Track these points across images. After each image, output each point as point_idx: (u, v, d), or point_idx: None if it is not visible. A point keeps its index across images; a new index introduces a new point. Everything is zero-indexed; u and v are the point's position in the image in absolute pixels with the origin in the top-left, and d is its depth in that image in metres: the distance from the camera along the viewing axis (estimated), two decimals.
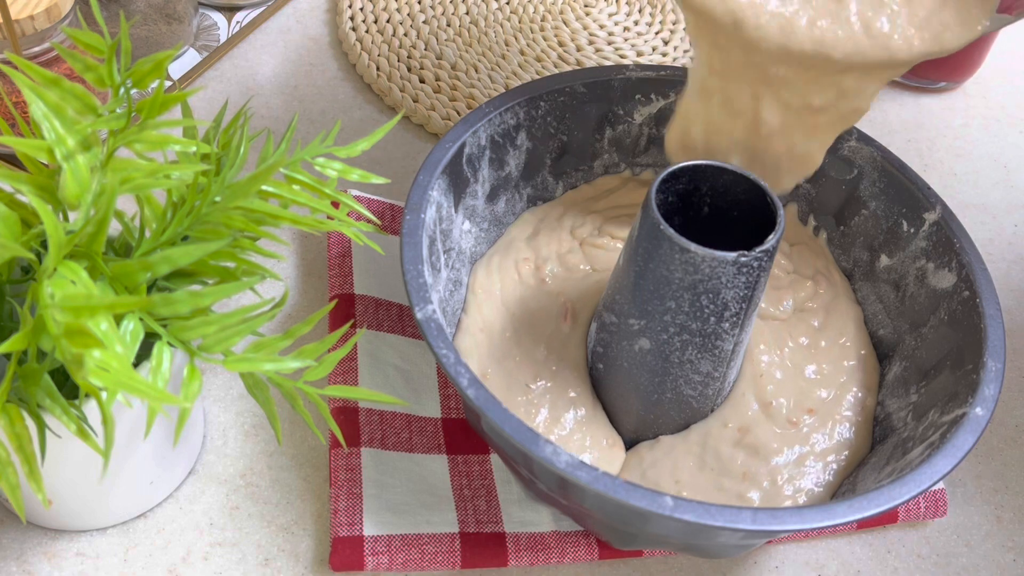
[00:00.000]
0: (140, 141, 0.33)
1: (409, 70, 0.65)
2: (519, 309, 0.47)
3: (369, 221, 0.53)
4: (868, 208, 0.49)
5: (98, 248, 0.32)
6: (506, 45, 0.67)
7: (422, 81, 0.64)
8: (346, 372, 0.47)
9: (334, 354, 0.36)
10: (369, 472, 0.44)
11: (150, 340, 0.33)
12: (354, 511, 0.43)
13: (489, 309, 0.47)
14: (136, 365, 0.36)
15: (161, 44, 0.61)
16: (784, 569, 0.45)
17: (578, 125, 0.51)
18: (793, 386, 0.45)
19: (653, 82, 0.50)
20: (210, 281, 0.37)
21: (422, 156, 0.61)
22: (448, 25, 0.68)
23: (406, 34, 0.67)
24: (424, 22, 0.68)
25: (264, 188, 0.37)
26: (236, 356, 0.33)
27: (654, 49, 0.70)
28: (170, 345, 0.33)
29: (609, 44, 0.69)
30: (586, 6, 0.72)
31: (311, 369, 0.35)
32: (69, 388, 0.37)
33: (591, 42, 0.69)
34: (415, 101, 0.63)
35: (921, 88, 0.71)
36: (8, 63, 0.50)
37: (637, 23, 0.71)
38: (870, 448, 0.45)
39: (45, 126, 0.31)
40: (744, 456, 0.43)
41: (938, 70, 0.70)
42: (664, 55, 0.69)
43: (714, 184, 0.42)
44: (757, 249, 0.38)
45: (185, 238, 0.36)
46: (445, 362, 0.37)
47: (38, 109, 0.31)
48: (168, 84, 0.61)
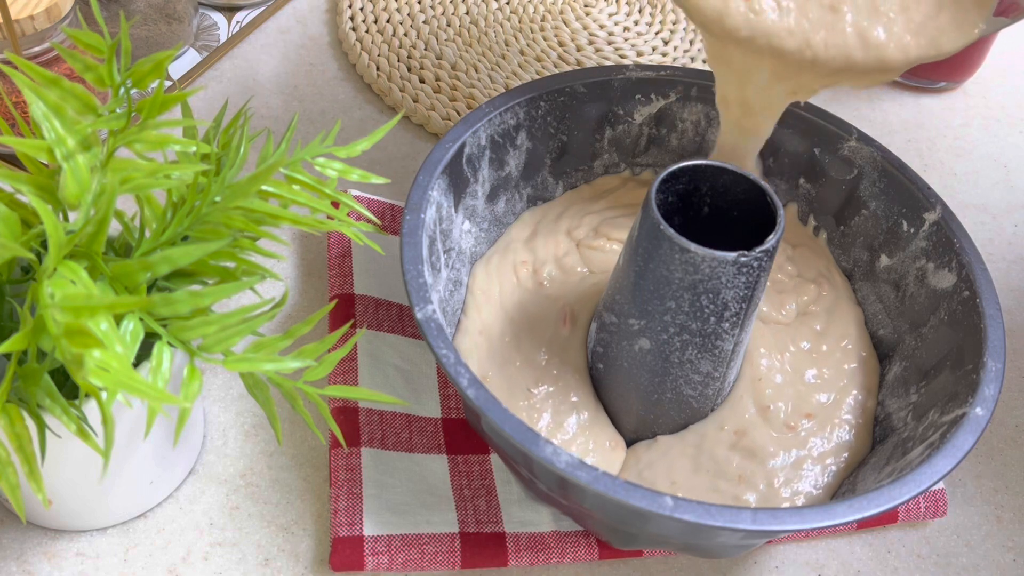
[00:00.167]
0: (140, 141, 0.33)
1: (409, 70, 0.65)
2: (518, 314, 0.47)
3: (369, 221, 0.53)
4: (868, 208, 0.49)
5: (98, 248, 0.32)
6: (506, 45, 0.67)
7: (422, 81, 0.64)
8: (346, 372, 0.47)
9: (334, 354, 0.36)
10: (369, 472, 0.44)
11: (150, 340, 0.33)
12: (354, 511, 0.43)
13: (488, 312, 0.47)
14: (136, 365, 0.36)
15: (161, 44, 0.61)
16: (784, 569, 0.45)
17: (578, 125, 0.51)
18: (792, 390, 0.45)
19: (653, 82, 0.50)
20: (210, 281, 0.37)
21: (422, 156, 0.61)
22: (448, 25, 0.68)
23: (406, 34, 0.67)
24: (424, 22, 0.68)
25: (264, 188, 0.37)
26: (236, 356, 0.33)
27: (654, 49, 0.70)
28: (170, 345, 0.33)
29: (609, 44, 0.69)
30: (586, 6, 0.72)
31: (311, 369, 0.35)
32: (69, 388, 0.37)
33: (591, 42, 0.69)
34: (415, 101, 0.63)
35: (921, 88, 0.71)
36: (8, 63, 0.50)
37: (637, 23, 0.71)
38: (870, 449, 0.45)
39: (45, 126, 0.31)
40: (740, 459, 0.43)
41: (938, 70, 0.70)
42: (664, 55, 0.69)
43: (714, 184, 0.42)
44: (757, 249, 0.38)
45: (185, 238, 0.36)
46: (445, 362, 0.37)
47: (38, 109, 0.31)
48: (168, 84, 0.61)
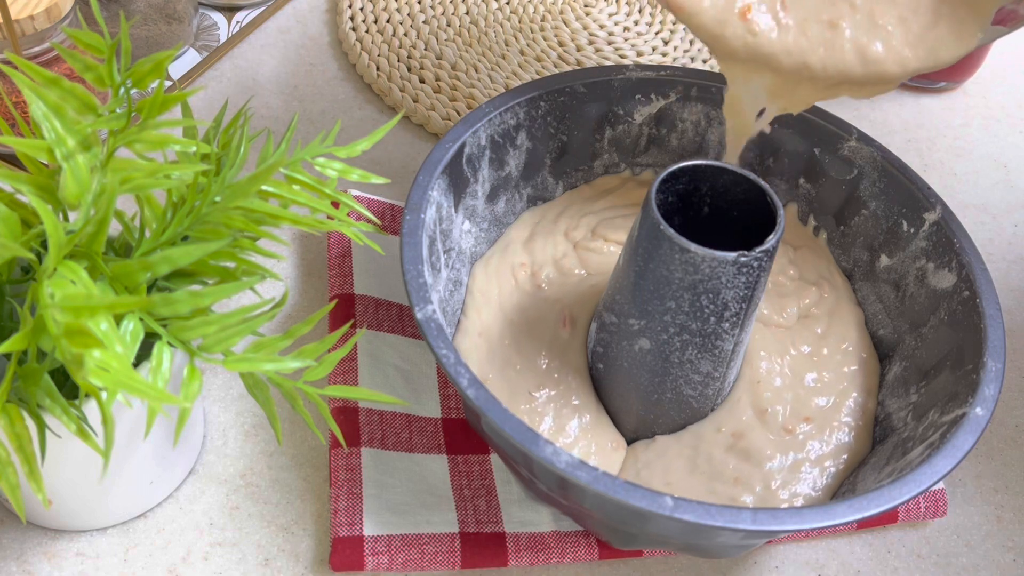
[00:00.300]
0: (140, 141, 0.33)
1: (409, 70, 0.65)
2: (518, 316, 0.47)
3: (369, 221, 0.53)
4: (868, 208, 0.49)
5: (98, 248, 0.32)
6: (506, 45, 0.67)
7: (422, 81, 0.64)
8: (346, 372, 0.47)
9: (334, 354, 0.36)
10: (369, 472, 0.44)
11: (150, 340, 0.33)
12: (354, 511, 0.43)
13: (487, 314, 0.47)
14: (136, 365, 0.36)
15: (161, 44, 0.61)
16: (784, 569, 0.45)
17: (578, 125, 0.51)
18: (791, 394, 0.45)
19: (653, 82, 0.50)
20: (210, 281, 0.37)
21: (422, 156, 0.61)
22: (448, 25, 0.68)
23: (406, 34, 0.67)
24: (424, 22, 0.68)
25: (264, 188, 0.37)
26: (236, 356, 0.33)
27: (654, 49, 0.70)
28: (170, 345, 0.33)
29: (609, 44, 0.69)
30: (586, 6, 0.72)
31: (311, 369, 0.35)
32: (69, 388, 0.37)
33: (591, 42, 0.69)
34: (415, 101, 0.63)
35: (921, 88, 0.71)
36: (8, 63, 0.50)
37: (637, 23, 0.71)
38: (870, 449, 0.45)
39: (45, 126, 0.31)
40: (736, 461, 0.43)
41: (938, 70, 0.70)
42: (664, 55, 0.69)
43: (714, 184, 0.42)
44: (757, 249, 0.38)
45: (185, 238, 0.36)
46: (445, 362, 0.37)
47: (38, 109, 0.31)
48: (168, 84, 0.61)
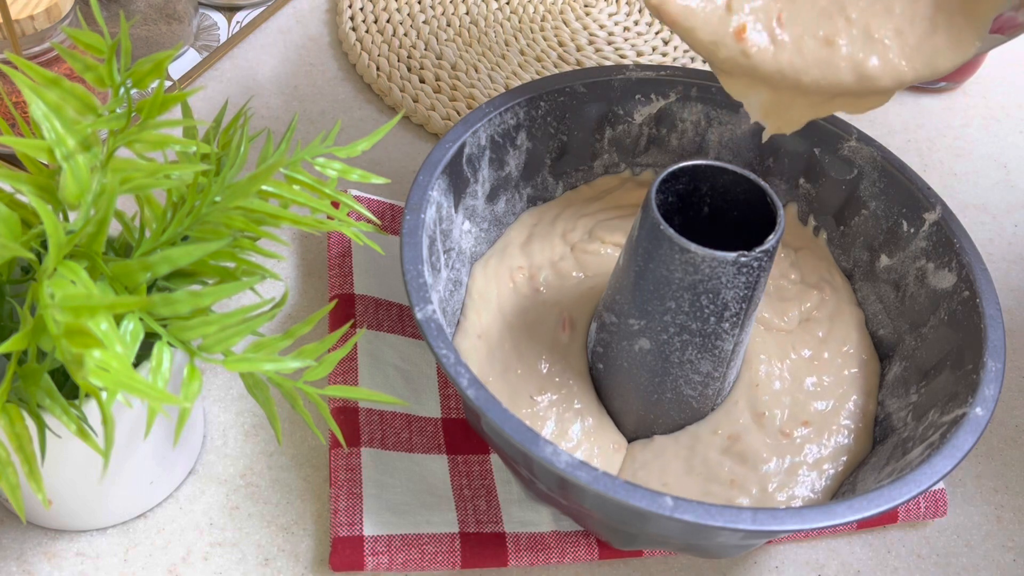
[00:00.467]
0: (140, 141, 0.33)
1: (409, 70, 0.65)
2: (517, 320, 0.47)
3: (369, 221, 0.53)
4: (868, 208, 0.49)
5: (98, 248, 0.32)
6: (506, 45, 0.67)
7: (422, 81, 0.64)
8: (346, 372, 0.47)
9: (334, 354, 0.36)
10: (369, 472, 0.44)
11: (150, 340, 0.33)
12: (354, 511, 0.43)
13: (486, 316, 0.47)
14: (136, 365, 0.36)
15: (161, 44, 0.61)
16: (784, 569, 0.45)
17: (578, 125, 0.51)
18: (790, 398, 0.45)
19: (653, 82, 0.50)
20: (210, 281, 0.37)
21: (422, 156, 0.61)
22: (448, 25, 0.68)
23: (406, 34, 0.67)
24: (424, 22, 0.68)
25: (264, 188, 0.37)
26: (236, 356, 0.33)
27: (654, 49, 0.70)
28: (170, 345, 0.33)
29: (609, 44, 0.69)
30: (586, 6, 0.72)
31: (311, 369, 0.35)
32: (69, 388, 0.37)
33: (591, 42, 0.69)
34: (415, 101, 0.63)
35: (921, 88, 0.71)
36: (8, 63, 0.50)
37: (637, 23, 0.71)
38: (870, 450, 0.45)
39: (45, 126, 0.31)
40: (731, 463, 0.43)
41: None
42: (664, 55, 0.69)
43: (714, 184, 0.42)
44: (757, 249, 0.38)
45: (185, 238, 0.36)
46: (445, 362, 0.37)
47: (38, 109, 0.31)
48: (168, 84, 0.61)
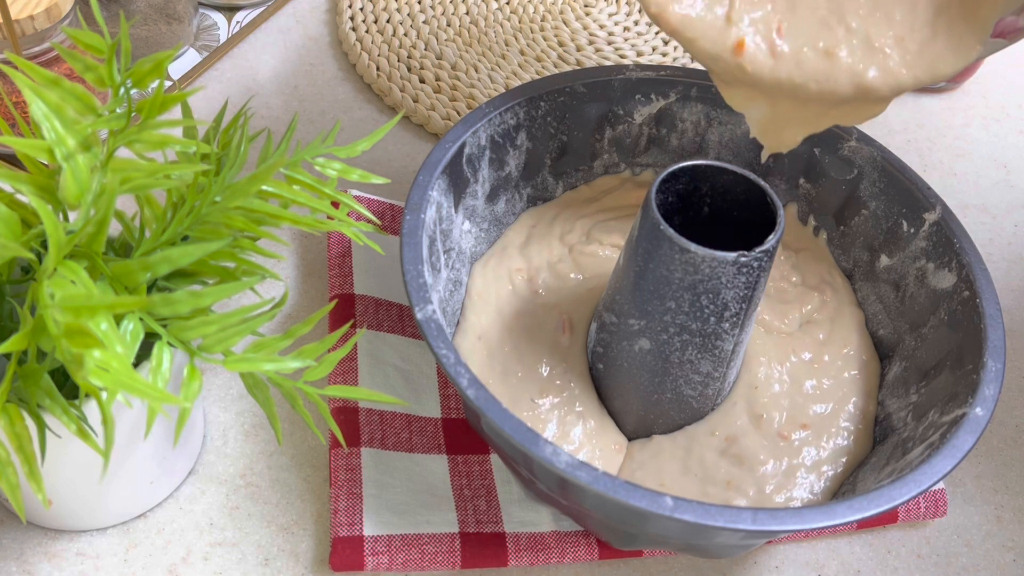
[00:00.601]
0: (140, 141, 0.33)
1: (409, 70, 0.65)
2: (516, 323, 0.46)
3: (369, 221, 0.53)
4: (868, 208, 0.49)
5: (98, 248, 0.32)
6: (506, 45, 0.67)
7: (422, 81, 0.64)
8: (346, 372, 0.47)
9: (334, 354, 0.36)
10: (369, 472, 0.44)
11: (150, 340, 0.33)
12: (354, 511, 0.43)
13: (486, 317, 0.47)
14: (136, 365, 0.36)
15: (161, 44, 0.61)
16: (784, 569, 0.45)
17: (578, 125, 0.51)
18: (789, 400, 0.45)
19: (653, 82, 0.50)
20: (210, 281, 0.37)
21: (422, 156, 0.61)
22: (448, 25, 0.68)
23: (406, 34, 0.67)
24: (424, 22, 0.68)
25: (264, 188, 0.37)
26: (236, 356, 0.33)
27: (654, 49, 0.70)
28: (170, 345, 0.33)
29: (609, 44, 0.69)
30: (586, 6, 0.72)
31: (311, 369, 0.35)
32: (69, 388, 0.37)
33: (591, 42, 0.69)
34: (415, 101, 0.63)
35: (921, 88, 0.71)
36: (8, 63, 0.50)
37: (637, 23, 0.71)
38: (870, 451, 0.45)
39: (45, 126, 0.31)
40: (728, 465, 0.43)
41: None
42: (664, 55, 0.69)
43: (714, 184, 0.42)
44: (757, 249, 0.38)
45: (185, 238, 0.36)
46: (445, 362, 0.37)
47: (38, 109, 0.31)
48: (168, 84, 0.61)
